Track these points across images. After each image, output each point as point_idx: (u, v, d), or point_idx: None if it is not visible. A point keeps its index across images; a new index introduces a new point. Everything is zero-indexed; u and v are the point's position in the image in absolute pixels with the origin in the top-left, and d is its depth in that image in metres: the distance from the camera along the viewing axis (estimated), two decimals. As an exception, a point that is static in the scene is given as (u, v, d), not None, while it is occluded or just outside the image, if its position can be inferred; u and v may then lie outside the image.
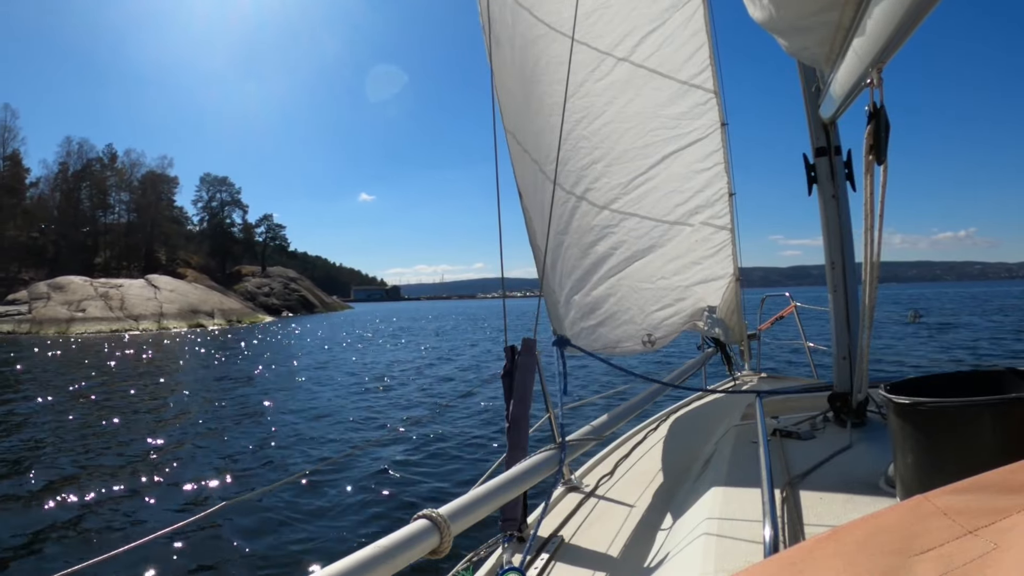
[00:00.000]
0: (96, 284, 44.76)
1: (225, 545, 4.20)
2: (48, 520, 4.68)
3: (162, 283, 48.59)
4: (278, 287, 70.58)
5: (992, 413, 1.03)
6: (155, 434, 7.73)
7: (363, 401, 10.19)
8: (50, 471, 6.05)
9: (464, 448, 6.70)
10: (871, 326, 1.71)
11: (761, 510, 1.33)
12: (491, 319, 42.15)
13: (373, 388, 11.69)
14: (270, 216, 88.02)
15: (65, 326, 37.92)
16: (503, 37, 2.37)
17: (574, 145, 2.73)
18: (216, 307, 48.11)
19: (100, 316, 40.05)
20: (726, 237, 3.30)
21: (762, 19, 1.53)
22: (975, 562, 0.48)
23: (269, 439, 7.42)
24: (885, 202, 1.39)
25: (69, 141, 68.30)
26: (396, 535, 1.07)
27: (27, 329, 37.17)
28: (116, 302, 42.45)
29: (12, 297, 41.83)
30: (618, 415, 2.34)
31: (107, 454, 6.79)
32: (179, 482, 5.69)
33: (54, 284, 43.37)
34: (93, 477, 5.84)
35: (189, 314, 44.26)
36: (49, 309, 39.85)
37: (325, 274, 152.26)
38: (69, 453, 6.79)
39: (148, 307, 43.03)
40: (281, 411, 9.25)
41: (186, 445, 7.18)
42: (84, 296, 42.02)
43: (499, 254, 2.22)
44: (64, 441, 7.42)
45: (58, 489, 5.39)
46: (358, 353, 20.32)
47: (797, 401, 2.50)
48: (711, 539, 1.35)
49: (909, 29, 1.09)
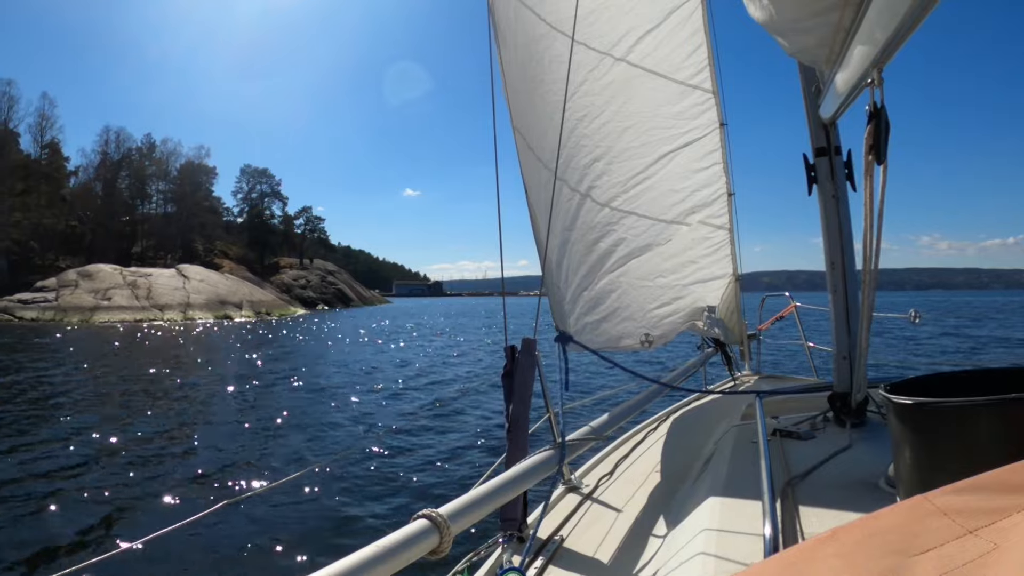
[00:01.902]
0: (125, 273, 44.36)
1: (224, 545, 4.20)
2: (39, 523, 4.68)
3: (192, 273, 47.96)
4: (315, 280, 70.14)
5: (992, 413, 1.03)
6: (124, 430, 7.66)
7: (363, 400, 10.19)
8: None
9: (464, 448, 6.70)
10: (869, 326, 1.72)
11: (761, 510, 1.33)
12: (518, 316, 42.35)
13: (376, 386, 11.69)
14: (309, 208, 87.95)
15: (89, 314, 37.67)
16: (508, 36, 2.38)
17: (576, 143, 2.73)
18: (245, 298, 47.40)
19: (125, 305, 39.83)
20: (724, 237, 3.31)
21: (762, 19, 1.53)
22: (975, 562, 0.48)
23: (268, 438, 7.42)
24: (885, 202, 1.40)
25: (107, 130, 69.88)
26: (396, 535, 1.07)
27: (51, 317, 36.93)
28: (143, 291, 42.12)
29: (40, 284, 41.54)
30: (618, 415, 2.34)
31: (72, 448, 6.74)
32: (174, 482, 5.69)
33: (83, 272, 43.02)
34: (66, 474, 5.82)
35: (217, 305, 43.67)
36: (75, 297, 39.58)
37: (368, 268, 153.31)
38: (27, 451, 6.69)
39: (175, 297, 42.57)
40: (280, 408, 9.24)
41: (174, 443, 7.16)
42: (112, 284, 41.71)
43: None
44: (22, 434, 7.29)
45: (29, 486, 5.39)
46: (372, 348, 20.43)
47: (797, 401, 2.50)
48: (711, 539, 1.35)
49: (910, 30, 1.09)
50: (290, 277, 68.18)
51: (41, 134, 60.93)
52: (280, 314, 48.32)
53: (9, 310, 37.44)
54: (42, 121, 61.05)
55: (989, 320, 31.44)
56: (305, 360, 17.43)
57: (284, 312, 49.89)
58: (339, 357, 18.00)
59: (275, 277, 66.55)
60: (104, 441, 7.12)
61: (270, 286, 59.91)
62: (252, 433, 7.80)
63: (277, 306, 50.70)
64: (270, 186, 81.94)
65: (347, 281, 77.51)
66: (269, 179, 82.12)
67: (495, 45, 2.32)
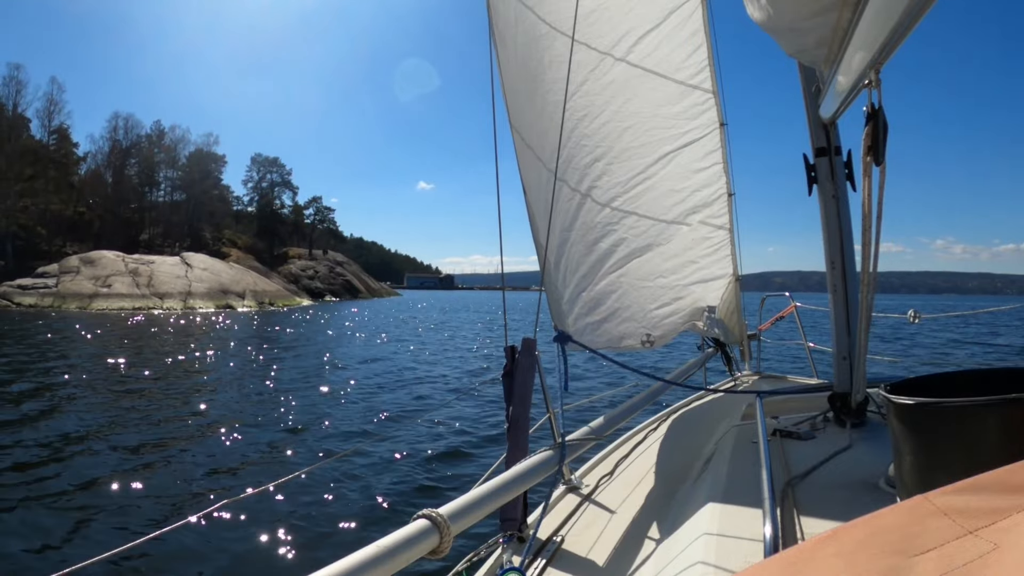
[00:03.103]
0: (128, 260, 43.70)
1: (223, 545, 4.19)
2: (31, 523, 4.68)
3: (195, 261, 47.24)
4: (323, 270, 70.05)
5: (992, 413, 1.03)
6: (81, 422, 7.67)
7: (362, 399, 10.19)
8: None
9: (464, 448, 6.70)
10: (869, 326, 1.72)
11: (761, 510, 1.33)
12: (529, 312, 41.94)
13: (372, 382, 11.68)
14: (319, 198, 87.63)
15: (88, 301, 37.08)
16: (507, 35, 2.38)
17: (577, 143, 2.74)
18: (248, 288, 46.59)
19: (125, 292, 39.19)
20: (725, 237, 3.31)
21: (761, 20, 1.53)
22: (975, 562, 0.48)
23: (266, 437, 7.41)
24: (883, 202, 1.40)
25: (116, 116, 69.56)
26: (396, 535, 1.07)
27: (50, 303, 36.31)
28: (144, 279, 41.41)
29: (42, 270, 40.86)
30: (618, 415, 2.34)
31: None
32: (166, 482, 5.68)
33: (85, 258, 42.36)
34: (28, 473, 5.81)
35: (219, 294, 42.91)
36: (75, 283, 38.98)
37: (380, 260, 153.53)
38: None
39: (176, 285, 41.82)
40: (277, 405, 9.24)
41: (161, 443, 7.16)
42: (113, 271, 41.06)
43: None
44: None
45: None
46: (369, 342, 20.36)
47: (797, 401, 2.50)
48: (711, 539, 1.35)
49: (906, 30, 1.10)
50: (298, 267, 68.08)
51: (49, 119, 60.62)
52: (283, 304, 47.68)
53: (8, 296, 36.90)
54: (50, 106, 60.58)
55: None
56: (318, 348, 17.30)
57: (288, 303, 49.17)
58: (322, 349, 17.80)
59: (283, 267, 66.43)
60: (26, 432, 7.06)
61: (277, 276, 59.74)
62: (246, 432, 7.80)
63: (281, 296, 50.11)
64: (280, 175, 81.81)
65: (356, 272, 77.41)
66: (279, 168, 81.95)
67: (494, 45, 2.33)
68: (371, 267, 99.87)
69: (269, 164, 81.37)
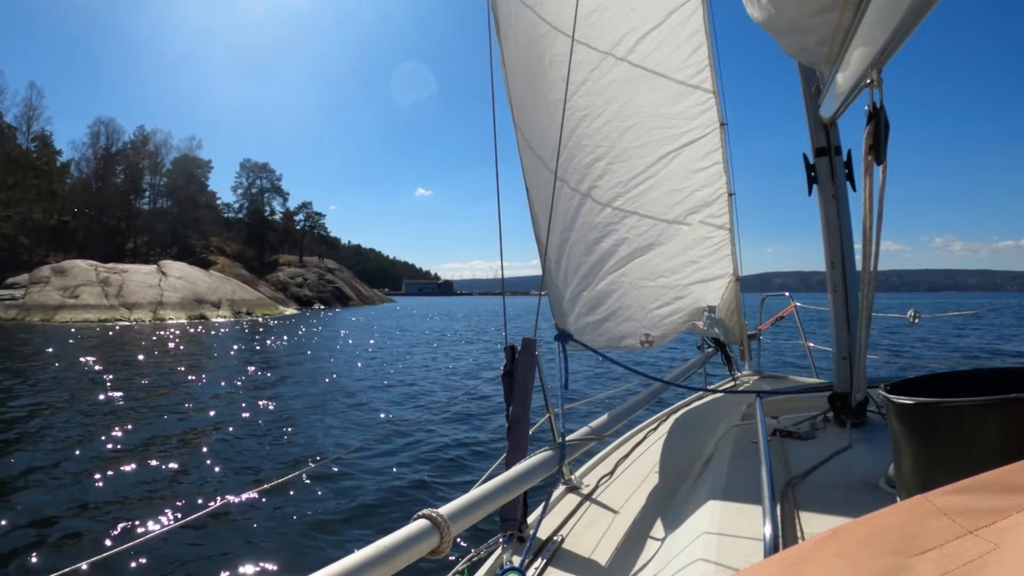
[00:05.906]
0: (100, 269, 41.30)
1: (222, 545, 4.19)
2: (29, 524, 4.68)
3: (171, 270, 44.96)
4: (312, 278, 68.20)
5: (992, 413, 1.03)
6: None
7: (359, 398, 10.19)
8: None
9: (464, 448, 6.70)
10: (869, 326, 1.72)
11: (761, 510, 1.33)
12: (526, 316, 40.69)
13: (369, 386, 11.69)
14: (309, 204, 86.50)
15: (52, 313, 34.89)
16: (509, 35, 2.39)
17: (577, 143, 2.74)
18: (225, 297, 44.41)
19: (92, 304, 36.87)
20: (725, 237, 3.31)
21: (761, 20, 1.53)
22: (975, 562, 0.48)
23: (264, 436, 7.42)
24: (884, 202, 1.40)
25: (98, 122, 66.96)
26: (396, 535, 1.07)
27: (14, 316, 34.14)
28: (114, 289, 39.08)
29: (11, 281, 38.44)
30: (618, 415, 2.34)
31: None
32: (166, 482, 5.68)
33: (57, 268, 40.13)
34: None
35: (192, 304, 40.73)
36: (42, 295, 36.71)
37: (379, 267, 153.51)
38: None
39: (147, 295, 39.51)
40: (272, 407, 9.25)
41: (148, 444, 7.17)
42: (83, 281, 38.67)
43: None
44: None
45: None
46: (355, 346, 20.19)
47: (797, 401, 2.50)
48: (711, 539, 1.35)
49: (908, 30, 1.09)
50: (286, 275, 66.75)
51: (28, 125, 58.69)
52: (263, 314, 45.11)
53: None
54: (29, 112, 58.73)
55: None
56: (294, 358, 17.19)
57: (269, 312, 46.96)
58: (317, 357, 17.21)
59: (271, 275, 65.17)
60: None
61: (265, 284, 58.29)
62: (243, 432, 7.80)
63: (262, 305, 47.83)
64: (270, 181, 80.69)
65: (347, 279, 76.21)
66: (269, 173, 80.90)
67: (496, 44, 2.33)
68: (369, 274, 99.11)
69: (259, 170, 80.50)
